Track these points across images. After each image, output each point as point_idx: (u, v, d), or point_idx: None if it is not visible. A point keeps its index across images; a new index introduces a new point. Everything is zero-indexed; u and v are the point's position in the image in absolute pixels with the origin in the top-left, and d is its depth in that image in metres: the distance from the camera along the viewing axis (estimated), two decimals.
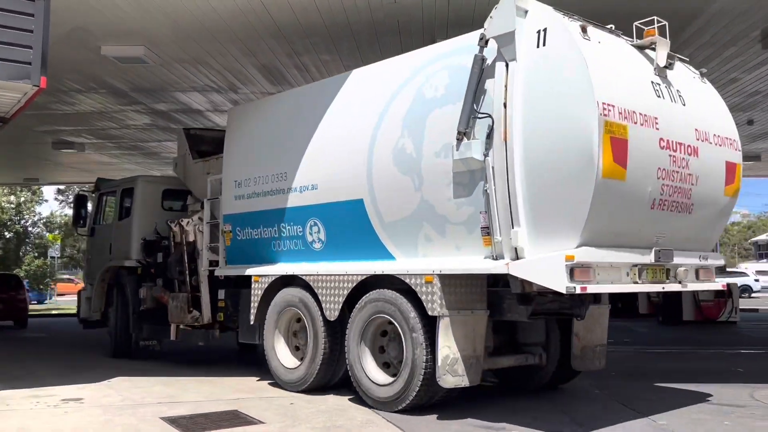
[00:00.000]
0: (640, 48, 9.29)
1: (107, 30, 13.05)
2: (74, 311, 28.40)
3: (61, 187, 73.33)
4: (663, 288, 9.16)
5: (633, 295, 25.02)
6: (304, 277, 10.80)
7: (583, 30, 8.53)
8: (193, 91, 17.17)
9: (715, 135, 9.57)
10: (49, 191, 73.12)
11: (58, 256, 46.39)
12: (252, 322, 11.59)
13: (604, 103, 8.06)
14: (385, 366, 9.96)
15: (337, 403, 10.05)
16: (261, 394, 10.69)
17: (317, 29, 13.09)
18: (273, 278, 11.31)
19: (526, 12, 8.72)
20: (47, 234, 50.41)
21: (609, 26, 9.30)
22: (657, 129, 8.70)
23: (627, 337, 19.16)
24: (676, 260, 9.22)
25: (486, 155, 8.67)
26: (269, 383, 11.45)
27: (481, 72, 8.79)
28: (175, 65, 15.19)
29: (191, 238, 12.80)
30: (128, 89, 16.99)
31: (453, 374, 9.07)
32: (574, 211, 8.16)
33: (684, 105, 9.25)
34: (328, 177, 10.47)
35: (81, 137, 22.27)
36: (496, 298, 9.52)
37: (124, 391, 10.87)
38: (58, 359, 14.59)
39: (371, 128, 9.96)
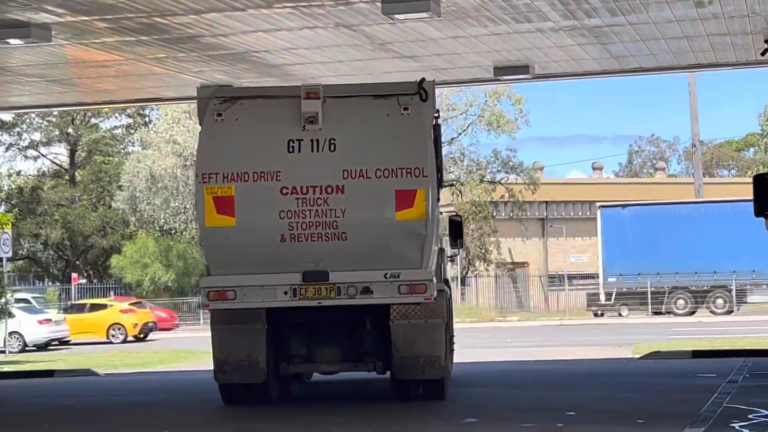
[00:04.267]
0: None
1: None
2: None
3: (8, 116, 38.86)
4: (319, 303, 11.45)
5: None
6: None
7: (219, 114, 11.61)
8: None
9: (379, 169, 11.39)
10: None
11: (8, 256, 25.87)
12: None
13: (204, 174, 11.51)
14: None
15: None
16: None
17: None
18: None
19: (209, 98, 11.94)
20: None
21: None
22: (278, 180, 11.38)
23: None
24: (339, 279, 11.43)
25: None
26: None
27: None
28: None
29: None
30: None
31: (223, 373, 12.42)
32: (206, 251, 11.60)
33: (333, 151, 11.43)
34: None
35: (43, 11, 11.82)
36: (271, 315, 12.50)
37: None
38: None
39: None
